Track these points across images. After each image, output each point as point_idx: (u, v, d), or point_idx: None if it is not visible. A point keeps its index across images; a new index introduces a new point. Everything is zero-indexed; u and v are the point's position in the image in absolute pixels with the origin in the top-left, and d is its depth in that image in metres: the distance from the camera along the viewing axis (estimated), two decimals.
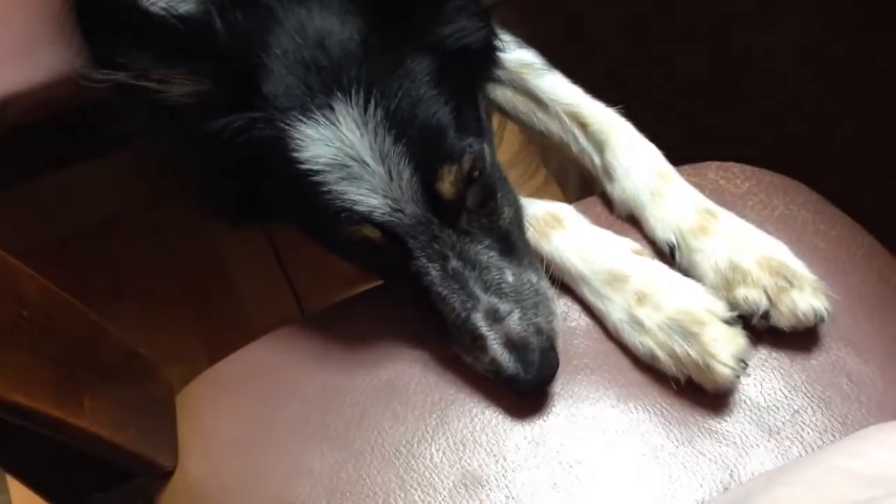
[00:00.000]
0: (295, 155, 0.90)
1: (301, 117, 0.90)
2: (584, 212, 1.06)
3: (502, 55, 1.09)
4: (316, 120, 0.89)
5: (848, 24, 1.58)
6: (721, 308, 0.94)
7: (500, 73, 1.13)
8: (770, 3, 1.68)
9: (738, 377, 0.92)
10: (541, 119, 1.16)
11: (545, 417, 0.95)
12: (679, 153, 1.09)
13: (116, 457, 0.88)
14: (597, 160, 1.10)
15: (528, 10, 1.28)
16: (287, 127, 0.90)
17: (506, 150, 1.57)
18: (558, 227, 1.03)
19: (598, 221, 1.06)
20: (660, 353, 0.93)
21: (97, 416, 0.84)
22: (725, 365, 0.90)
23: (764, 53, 1.69)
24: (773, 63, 1.69)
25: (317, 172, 0.90)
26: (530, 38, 1.20)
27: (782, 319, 0.93)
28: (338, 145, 0.89)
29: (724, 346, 0.91)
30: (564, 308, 1.02)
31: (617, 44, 1.79)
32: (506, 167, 1.52)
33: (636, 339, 0.95)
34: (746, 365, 0.92)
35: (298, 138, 0.90)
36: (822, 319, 0.93)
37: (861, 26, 1.56)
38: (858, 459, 0.73)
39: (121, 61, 0.89)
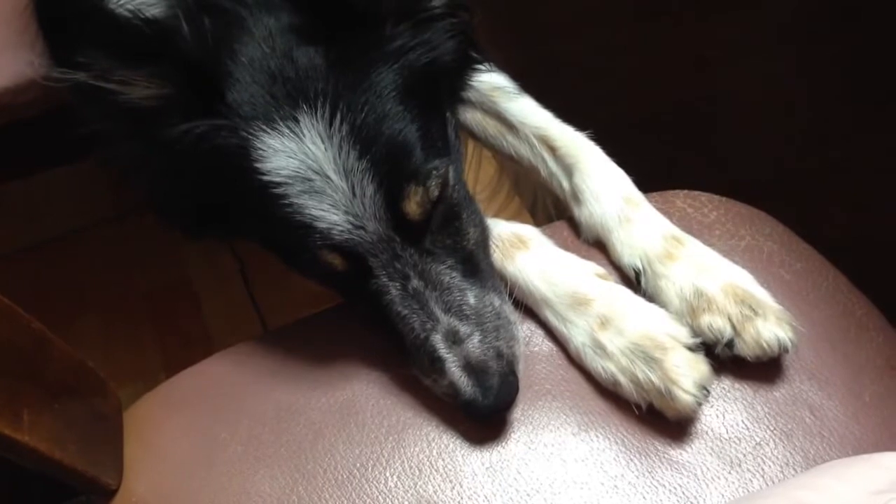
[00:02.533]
0: (257, 165, 0.89)
1: (265, 127, 0.88)
2: (552, 236, 1.06)
3: (476, 76, 1.09)
4: (280, 131, 0.88)
5: (816, 61, 1.60)
6: (684, 334, 0.93)
7: (471, 95, 1.13)
8: (743, 41, 1.70)
9: (699, 405, 0.91)
10: (510, 142, 1.16)
11: (504, 444, 0.94)
12: (646, 184, 1.08)
13: (56, 473, 0.85)
14: (565, 184, 1.09)
15: (498, 37, 1.28)
16: (250, 136, 0.88)
17: (482, 175, 1.56)
18: (523, 249, 1.01)
19: (565, 246, 1.05)
20: (621, 379, 0.92)
21: (36, 430, 0.81)
22: (687, 392, 0.89)
23: (736, 89, 1.71)
24: (745, 98, 1.71)
25: (278, 184, 0.88)
26: (502, 64, 1.20)
27: (746, 348, 0.92)
28: (301, 158, 0.88)
29: (686, 372, 0.89)
30: (527, 332, 1.00)
31: (587, 74, 1.80)
32: (483, 194, 1.52)
33: (598, 364, 0.94)
34: (708, 392, 0.91)
35: (261, 149, 0.88)
36: (785, 350, 0.92)
37: (834, 67, 1.58)
38: (819, 493, 0.72)
39: (80, 61, 0.87)
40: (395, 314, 0.93)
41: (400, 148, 0.90)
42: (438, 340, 0.91)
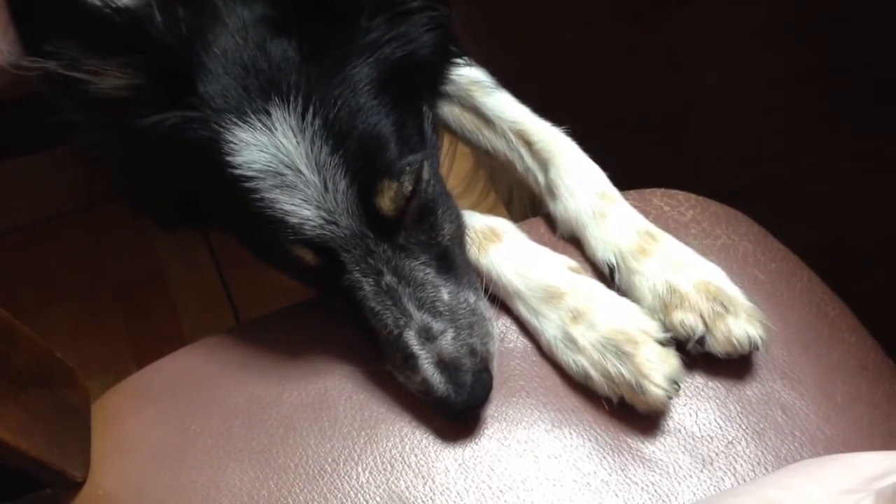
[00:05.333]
0: (228, 159, 0.87)
1: (236, 120, 0.87)
2: (528, 232, 1.05)
3: (454, 70, 1.08)
4: (251, 124, 0.87)
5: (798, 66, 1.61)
6: (655, 328, 0.93)
7: (448, 89, 1.12)
8: (720, 45, 1.71)
9: (670, 398, 0.91)
10: (487, 137, 1.15)
11: (477, 440, 0.93)
12: (624, 182, 1.08)
13: (21, 464, 0.84)
14: (541, 179, 1.09)
15: (477, 33, 1.28)
16: (222, 129, 0.87)
17: (458, 170, 1.55)
18: (496, 241, 1.01)
19: (541, 242, 1.04)
20: (593, 373, 0.92)
21: (2, 421, 0.80)
22: (658, 386, 0.89)
23: (714, 91, 1.72)
24: (722, 101, 1.72)
25: (250, 178, 0.87)
26: (480, 61, 1.19)
27: (717, 345, 0.92)
28: (272, 152, 0.87)
29: (657, 366, 0.90)
30: (502, 329, 1.00)
31: (566, 72, 1.80)
32: (458, 189, 1.52)
33: (569, 358, 0.94)
34: (679, 386, 0.91)
35: (233, 142, 0.87)
36: (756, 347, 0.92)
37: (811, 72, 1.59)
38: (790, 492, 0.72)
39: (49, 50, 0.85)
40: (368, 310, 0.92)
41: (374, 143, 0.89)
42: (411, 337, 0.91)
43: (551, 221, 1.08)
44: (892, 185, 1.52)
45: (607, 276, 1.00)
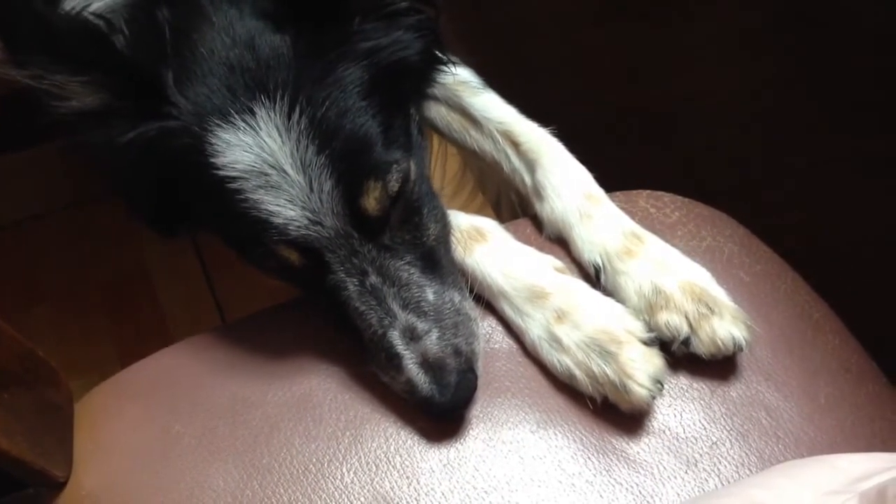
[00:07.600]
0: (212, 161, 0.87)
1: (219, 122, 0.86)
2: (514, 232, 1.05)
3: (441, 75, 1.08)
4: (235, 125, 0.86)
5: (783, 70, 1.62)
6: (639, 328, 0.93)
7: (435, 90, 1.12)
8: (710, 46, 1.72)
9: (653, 398, 0.91)
10: (474, 137, 1.15)
11: (462, 441, 0.93)
12: (610, 184, 1.08)
13: (3, 464, 0.83)
14: (528, 179, 1.09)
15: (464, 35, 1.28)
16: (204, 132, 0.87)
17: (447, 171, 1.55)
18: (481, 241, 1.01)
19: (527, 243, 1.04)
20: (577, 372, 0.92)
21: None
22: (642, 386, 0.89)
23: (704, 92, 1.72)
24: (712, 102, 1.72)
25: (234, 179, 0.87)
26: (467, 62, 1.19)
27: (702, 346, 0.92)
28: (256, 151, 0.86)
29: (640, 366, 0.90)
30: (488, 329, 1.00)
31: (553, 74, 1.80)
32: (447, 189, 1.52)
33: (554, 357, 0.94)
34: (662, 386, 0.92)
35: (216, 144, 0.87)
36: (740, 348, 0.93)
37: (801, 73, 1.60)
38: (773, 493, 0.72)
39: (20, 59, 0.84)
40: (352, 310, 0.92)
41: (360, 143, 0.89)
42: (396, 337, 0.90)
43: (538, 223, 1.08)
44: (881, 186, 1.53)
45: (593, 276, 1.00)
